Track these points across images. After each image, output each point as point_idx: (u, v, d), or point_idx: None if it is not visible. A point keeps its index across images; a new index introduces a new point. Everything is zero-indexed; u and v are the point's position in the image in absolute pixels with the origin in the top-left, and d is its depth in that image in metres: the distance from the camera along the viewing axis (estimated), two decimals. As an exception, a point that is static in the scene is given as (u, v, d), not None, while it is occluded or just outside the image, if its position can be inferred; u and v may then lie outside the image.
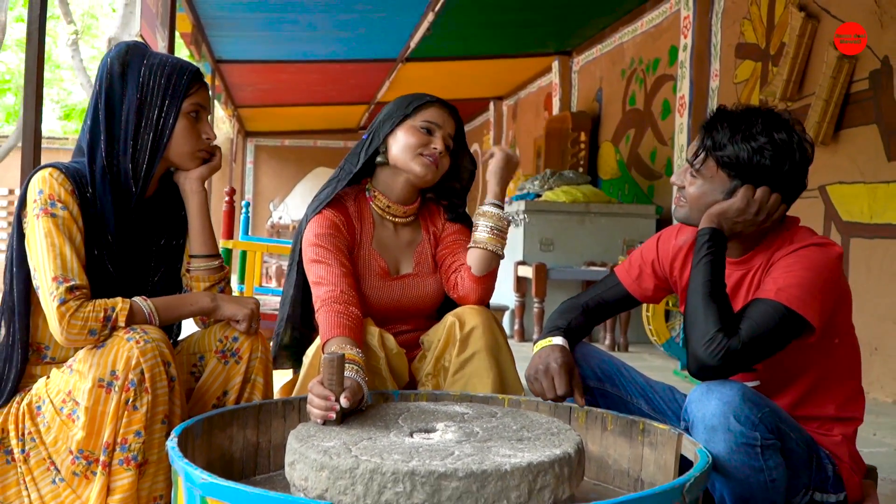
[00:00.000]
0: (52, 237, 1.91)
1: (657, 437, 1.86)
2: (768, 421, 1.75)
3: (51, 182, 1.95)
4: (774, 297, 1.86)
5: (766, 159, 1.93)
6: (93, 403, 1.82)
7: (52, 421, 1.90)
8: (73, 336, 1.86)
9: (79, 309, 1.86)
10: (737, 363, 1.82)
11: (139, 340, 1.83)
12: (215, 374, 2.06)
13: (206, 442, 1.79)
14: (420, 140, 2.41)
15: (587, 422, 2.02)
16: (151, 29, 5.67)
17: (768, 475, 1.75)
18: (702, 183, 2.03)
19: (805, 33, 5.55)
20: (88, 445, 1.84)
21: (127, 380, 1.81)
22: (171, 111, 2.05)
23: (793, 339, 1.87)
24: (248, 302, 2.11)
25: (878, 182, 4.94)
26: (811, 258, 1.91)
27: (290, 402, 2.01)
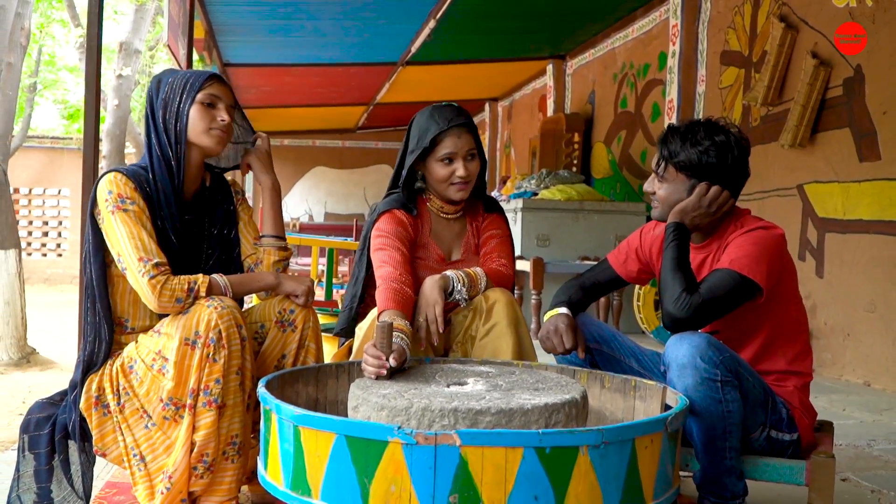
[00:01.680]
0: (130, 227, 2.31)
1: (646, 392, 2.27)
2: (728, 363, 2.18)
3: (117, 183, 2.35)
4: (728, 266, 2.31)
5: (711, 157, 2.41)
6: (180, 358, 2.21)
7: (144, 376, 2.30)
8: (164, 303, 2.26)
9: (167, 282, 2.26)
10: (700, 315, 2.26)
11: (217, 307, 2.23)
12: (276, 341, 2.47)
13: (280, 393, 2.17)
14: (446, 172, 2.78)
15: (588, 381, 2.42)
16: (175, 37, 6.06)
17: (725, 406, 2.17)
18: (667, 186, 2.50)
19: (785, 42, 5.92)
20: (177, 394, 2.24)
21: (208, 338, 2.20)
22: (188, 101, 2.43)
23: (745, 299, 2.31)
24: (306, 280, 2.52)
25: (850, 181, 5.34)
26: (758, 236, 2.36)
27: (342, 365, 2.42)
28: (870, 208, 5.17)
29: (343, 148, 17.86)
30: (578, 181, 8.17)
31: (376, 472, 1.67)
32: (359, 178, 17.84)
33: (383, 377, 2.14)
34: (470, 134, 2.81)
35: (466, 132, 2.79)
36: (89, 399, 2.35)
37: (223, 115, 2.49)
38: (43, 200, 17.05)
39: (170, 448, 2.26)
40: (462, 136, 2.78)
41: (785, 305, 2.40)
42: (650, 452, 1.78)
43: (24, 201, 16.90)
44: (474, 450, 1.63)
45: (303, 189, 17.99)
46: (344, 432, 1.70)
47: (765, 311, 2.37)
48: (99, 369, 2.38)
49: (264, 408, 1.96)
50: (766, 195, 6.16)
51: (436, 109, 2.82)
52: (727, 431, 2.16)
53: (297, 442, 1.80)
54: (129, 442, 2.31)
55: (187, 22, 6.64)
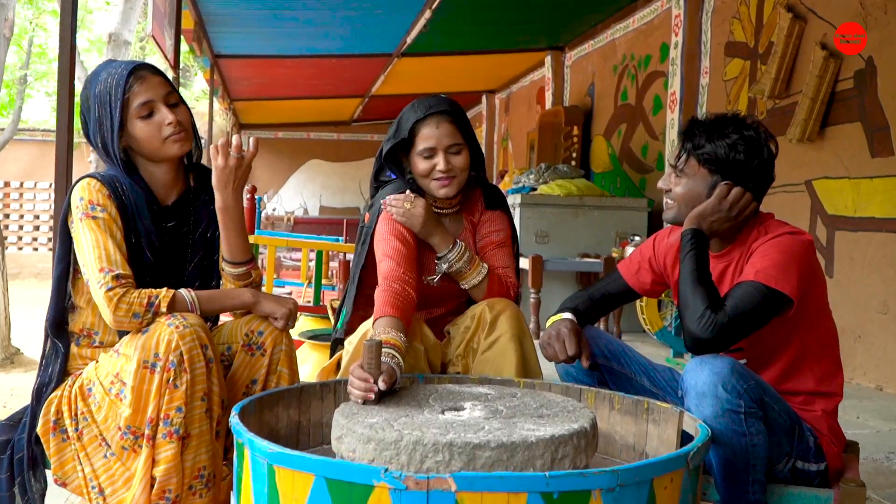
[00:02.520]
0: (96, 235, 2.13)
1: (660, 415, 2.07)
2: (753, 392, 1.97)
3: (89, 190, 2.18)
4: (754, 277, 2.09)
5: (740, 154, 2.20)
6: (138, 383, 2.02)
7: (102, 401, 2.10)
8: (120, 318, 2.07)
9: (125, 295, 2.07)
10: (726, 335, 2.05)
11: (178, 325, 2.03)
12: (243, 365, 2.25)
13: (257, 419, 1.98)
14: (426, 167, 2.58)
15: (596, 401, 2.22)
16: (161, 28, 5.85)
17: (749, 440, 1.96)
18: (686, 181, 2.29)
19: (793, 33, 5.74)
20: (135, 421, 2.04)
21: (168, 360, 2.00)
22: (116, 120, 2.22)
23: (773, 314, 2.10)
24: (287, 302, 2.30)
25: (861, 177, 5.15)
26: (784, 243, 2.15)
27: (327, 384, 2.21)
28: (882, 206, 4.98)
29: (338, 141, 17.65)
30: (578, 176, 7.99)
31: (360, 520, 1.47)
32: (354, 171, 17.61)
33: (371, 402, 1.94)
34: (453, 124, 2.59)
35: (447, 122, 2.58)
36: (47, 423, 2.17)
37: (166, 116, 2.26)
38: (34, 194, 16.83)
39: (129, 480, 2.06)
40: (441, 125, 2.57)
41: (814, 318, 2.20)
42: (669, 493, 1.58)
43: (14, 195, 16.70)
44: (472, 496, 1.43)
45: (297, 182, 17.81)
46: (324, 474, 1.50)
47: (793, 326, 2.17)
48: (56, 388, 2.19)
49: (237, 440, 1.75)
50: (773, 191, 5.91)
51: (419, 100, 2.64)
52: (751, 465, 1.96)
53: (271, 483, 1.59)
54: (88, 472, 2.12)
55: (174, 12, 6.42)
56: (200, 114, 13.10)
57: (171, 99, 2.30)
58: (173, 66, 6.42)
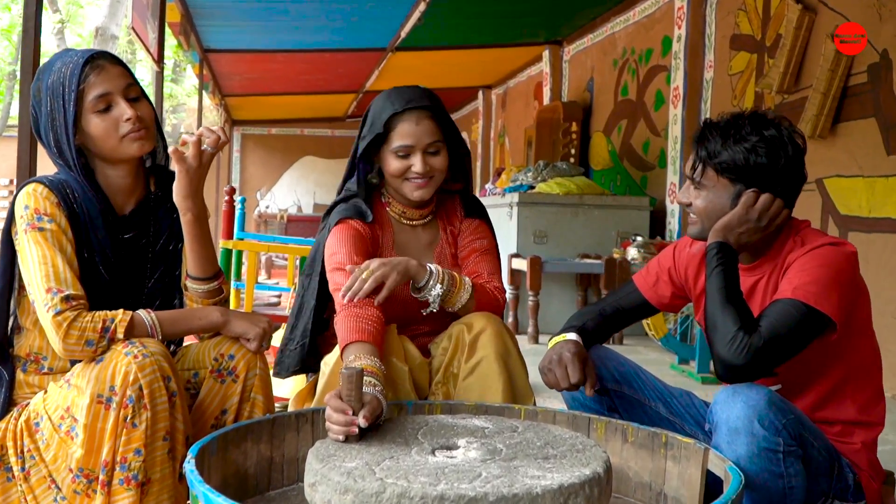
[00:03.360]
0: (43, 250, 1.88)
1: (681, 451, 1.83)
2: (792, 427, 1.74)
3: (35, 197, 1.92)
4: (792, 295, 1.86)
5: (761, 157, 1.96)
6: (91, 420, 1.77)
7: (50, 438, 1.86)
8: (70, 347, 1.82)
9: (76, 319, 1.83)
10: (762, 361, 1.81)
11: (137, 355, 1.78)
12: (212, 394, 2.01)
13: (221, 458, 1.74)
14: (400, 166, 2.33)
15: (607, 433, 1.98)
16: (142, 20, 5.60)
17: (787, 482, 1.74)
18: (706, 194, 2.05)
19: (802, 25, 5.50)
20: (88, 464, 1.79)
21: (125, 396, 1.76)
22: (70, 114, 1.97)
23: (815, 336, 1.87)
24: (261, 320, 2.05)
25: (876, 176, 4.91)
26: (826, 256, 1.92)
27: (303, 414, 1.97)
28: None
29: (332, 137, 17.44)
30: (577, 174, 7.76)
31: None
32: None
33: (351, 438, 1.69)
34: (433, 121, 2.34)
35: (428, 118, 2.33)
36: None
37: (125, 110, 2.00)
38: (24, 191, 16.57)
39: None
40: (422, 122, 2.31)
41: (857, 340, 1.96)
42: (700, 557, 1.34)
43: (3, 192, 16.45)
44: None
45: (291, 179, 17.61)
46: (289, 540, 1.26)
47: (834, 348, 1.92)
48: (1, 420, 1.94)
49: (191, 492, 1.51)
50: (782, 190, 5.73)
51: (395, 90, 2.36)
52: None
53: (229, 546, 1.35)
54: None
55: (158, 4, 6.17)
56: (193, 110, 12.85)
57: (132, 92, 2.04)
58: (157, 59, 6.18)
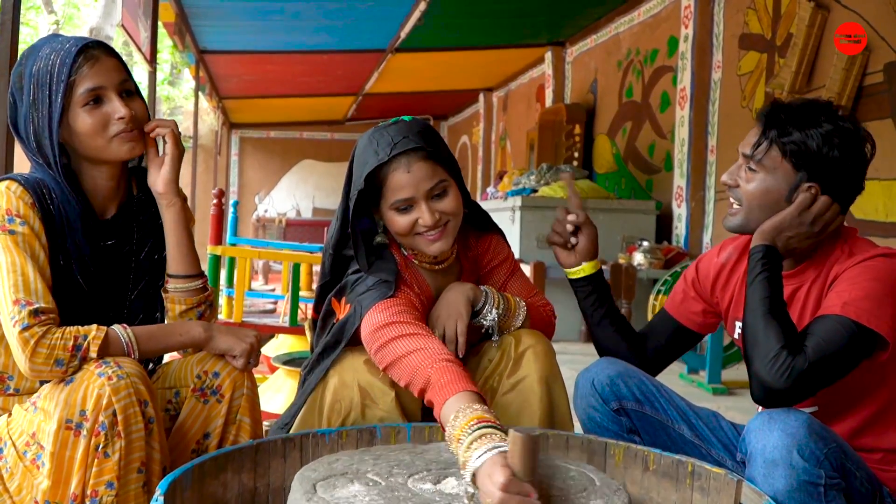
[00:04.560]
0: (13, 256, 1.70)
1: (709, 482, 1.64)
2: (834, 458, 1.56)
3: (8, 196, 1.74)
4: (841, 311, 1.69)
5: (835, 149, 1.79)
6: (59, 448, 1.60)
7: (14, 466, 1.68)
8: (38, 366, 1.64)
9: (45, 335, 1.64)
10: (806, 384, 1.64)
11: (111, 376, 1.61)
12: (194, 415, 1.83)
13: (196, 493, 1.56)
14: (406, 223, 1.99)
15: (625, 460, 1.80)
16: (134, 19, 5.43)
17: None
18: (763, 177, 1.87)
19: (814, 24, 5.36)
20: (55, 497, 1.61)
21: (97, 422, 1.59)
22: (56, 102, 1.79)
23: (863, 357, 1.70)
24: (248, 335, 1.88)
25: (893, 179, 4.76)
26: (879, 269, 1.75)
27: (290, 439, 1.78)
28: (917, 210, 4.58)
29: (332, 140, 17.27)
30: (581, 177, 7.63)
31: None
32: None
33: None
34: (428, 160, 1.98)
35: (421, 160, 1.97)
36: None
37: (118, 108, 1.82)
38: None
39: None
40: (414, 166, 1.96)
41: None
42: None
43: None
44: None
45: (290, 183, 17.45)
46: None
47: (879, 371, 1.75)
48: None
49: (159, 535, 1.32)
50: (794, 194, 5.57)
51: (376, 131, 2.02)
52: None
53: None
54: None
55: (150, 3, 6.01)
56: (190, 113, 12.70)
57: (126, 87, 1.87)
58: (149, 59, 6.02)
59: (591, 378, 1.98)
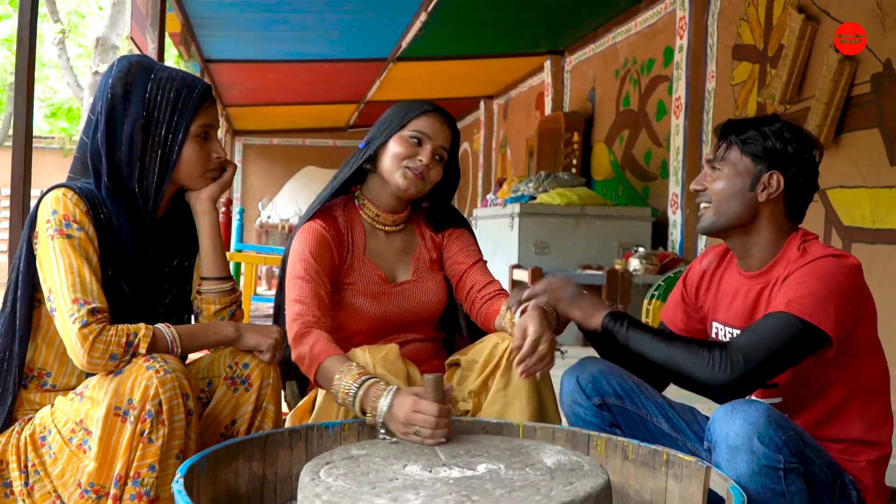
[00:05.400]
0: (70, 258, 1.83)
1: (682, 469, 1.78)
2: (793, 444, 1.70)
3: (65, 202, 1.87)
4: (785, 308, 1.83)
5: (788, 143, 1.97)
6: (107, 433, 1.74)
7: (59, 452, 1.81)
8: (95, 360, 1.78)
9: (101, 332, 1.78)
10: (747, 373, 1.79)
11: (159, 370, 1.75)
12: (224, 402, 1.98)
13: (211, 478, 1.70)
14: (407, 151, 2.32)
15: (607, 450, 1.94)
16: (141, 30, 5.57)
17: (789, 500, 1.70)
18: (727, 172, 2.04)
19: (804, 35, 5.48)
20: (100, 478, 1.75)
21: (144, 410, 1.72)
22: (180, 129, 1.95)
23: (809, 351, 1.84)
24: (272, 331, 2.03)
25: (880, 187, 4.87)
26: (824, 268, 1.89)
27: (297, 430, 1.93)
28: (903, 217, 4.71)
29: (334, 147, 17.40)
30: (579, 184, 7.74)
31: None
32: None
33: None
34: (451, 134, 2.39)
35: (449, 128, 2.38)
36: None
37: (218, 149, 2.03)
38: (25, 201, 16.58)
39: None
40: (444, 126, 2.36)
41: (863, 357, 1.91)
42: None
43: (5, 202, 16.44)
44: None
45: (293, 189, 17.58)
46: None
47: (841, 364, 1.88)
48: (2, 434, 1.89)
49: (178, 512, 1.47)
50: (784, 201, 5.69)
51: (415, 99, 2.40)
52: None
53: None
54: None
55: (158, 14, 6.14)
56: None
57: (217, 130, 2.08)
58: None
59: (575, 376, 2.12)
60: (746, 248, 2.05)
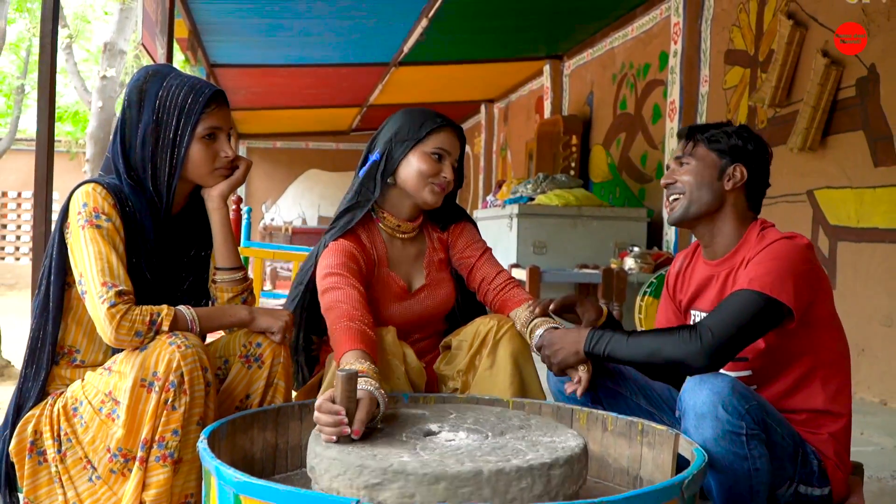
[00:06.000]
0: (99, 246, 2.02)
1: (655, 437, 1.97)
2: (755, 413, 1.87)
3: (94, 196, 2.06)
4: (748, 286, 2.02)
5: (747, 142, 2.20)
6: (133, 402, 1.92)
7: (90, 421, 2.00)
8: (122, 336, 1.96)
9: (128, 312, 1.97)
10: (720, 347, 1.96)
11: (181, 345, 1.93)
12: (239, 378, 2.16)
13: (230, 443, 1.88)
14: (432, 168, 2.44)
15: (588, 423, 2.12)
16: (152, 37, 5.76)
17: (752, 464, 1.87)
18: (695, 164, 2.24)
19: (793, 41, 5.64)
20: (128, 443, 1.94)
21: (167, 381, 1.90)
22: (186, 131, 2.14)
23: (772, 323, 2.02)
24: (282, 315, 2.22)
25: (864, 187, 5.05)
26: (778, 249, 2.08)
27: (306, 405, 2.11)
28: (886, 216, 4.88)
29: (336, 150, 17.57)
30: (577, 185, 7.90)
31: (331, 557, 1.37)
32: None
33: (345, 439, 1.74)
34: (461, 143, 2.54)
35: (459, 140, 2.54)
36: (22, 443, 2.05)
37: (226, 149, 2.22)
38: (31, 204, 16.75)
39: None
40: (457, 140, 2.52)
41: (823, 331, 2.09)
42: (663, 525, 1.48)
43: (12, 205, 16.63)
44: (449, 531, 1.33)
45: (296, 192, 17.75)
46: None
47: (803, 338, 2.07)
48: (35, 406, 2.08)
49: (204, 468, 1.65)
50: (774, 201, 5.86)
51: (413, 110, 2.53)
52: (754, 491, 1.85)
53: (237, 514, 1.49)
54: (71, 497, 2.01)
55: (167, 20, 6.34)
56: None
57: (230, 132, 2.27)
58: (165, 74, 6.33)
59: None
60: (713, 235, 2.24)
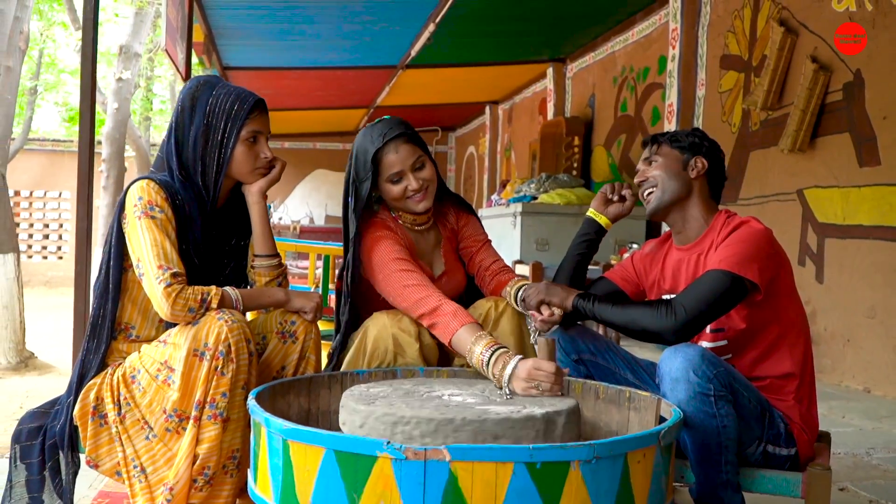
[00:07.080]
0: (154, 234, 2.31)
1: (640, 403, 2.25)
2: (722, 377, 2.15)
3: (148, 190, 2.35)
4: (717, 266, 2.30)
5: (704, 140, 2.53)
6: (187, 369, 2.20)
7: (147, 386, 2.28)
8: (177, 312, 2.24)
9: (181, 291, 2.25)
10: (691, 319, 2.24)
11: (228, 320, 2.22)
12: (275, 352, 2.45)
13: (271, 405, 2.16)
14: (398, 191, 2.64)
15: (582, 392, 2.40)
16: (174, 42, 6.04)
17: (720, 421, 2.14)
18: (662, 160, 2.54)
19: (785, 47, 5.91)
20: (182, 405, 2.23)
21: (217, 350, 2.19)
22: (232, 134, 2.43)
23: (740, 297, 2.29)
24: (314, 296, 2.51)
25: (850, 186, 5.32)
26: (741, 234, 2.36)
27: (334, 376, 2.40)
28: (870, 214, 5.15)
29: (344, 150, 17.72)
30: (578, 185, 8.15)
31: (365, 488, 1.65)
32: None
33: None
34: (409, 143, 2.65)
35: (404, 143, 2.63)
36: (85, 408, 2.35)
37: (265, 151, 2.51)
38: (44, 203, 17.03)
39: (171, 460, 2.25)
40: (400, 148, 2.62)
41: (786, 302, 2.38)
42: (643, 467, 1.76)
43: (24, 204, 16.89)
44: (464, 465, 1.61)
45: (303, 192, 17.96)
46: (333, 447, 1.68)
47: (767, 309, 2.35)
48: (95, 376, 2.37)
49: (254, 420, 1.94)
50: (766, 200, 6.14)
51: (370, 128, 2.70)
52: (723, 446, 2.14)
53: (286, 456, 1.78)
54: (130, 453, 2.29)
55: (186, 26, 6.62)
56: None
57: (268, 136, 2.54)
58: (185, 78, 6.62)
59: (556, 337, 2.59)
60: (685, 221, 2.52)
